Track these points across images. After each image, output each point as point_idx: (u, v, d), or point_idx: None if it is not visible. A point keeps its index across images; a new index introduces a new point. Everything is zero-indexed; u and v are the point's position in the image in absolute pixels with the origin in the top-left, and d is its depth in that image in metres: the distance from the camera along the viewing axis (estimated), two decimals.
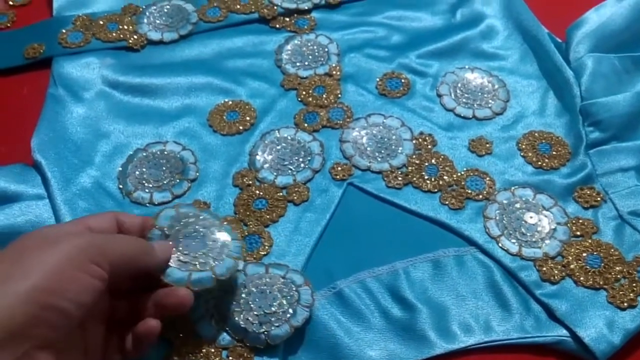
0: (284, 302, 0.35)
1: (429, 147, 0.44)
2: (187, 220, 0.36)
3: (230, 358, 0.34)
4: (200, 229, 0.36)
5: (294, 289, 0.36)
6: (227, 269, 0.34)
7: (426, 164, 0.43)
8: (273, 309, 0.35)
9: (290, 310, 0.35)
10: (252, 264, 0.37)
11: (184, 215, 0.36)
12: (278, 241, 0.39)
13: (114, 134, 0.45)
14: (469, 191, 0.42)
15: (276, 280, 0.36)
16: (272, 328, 0.34)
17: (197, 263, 0.34)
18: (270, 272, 0.37)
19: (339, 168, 0.43)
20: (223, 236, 0.36)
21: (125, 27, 0.52)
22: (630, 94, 0.44)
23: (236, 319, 0.35)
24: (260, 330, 0.34)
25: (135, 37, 0.51)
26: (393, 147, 0.44)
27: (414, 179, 0.43)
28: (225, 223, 0.37)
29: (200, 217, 0.36)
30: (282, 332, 0.34)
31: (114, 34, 0.51)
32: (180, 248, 0.35)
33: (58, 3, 0.54)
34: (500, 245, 0.39)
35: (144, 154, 0.44)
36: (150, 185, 0.42)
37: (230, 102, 0.47)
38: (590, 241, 0.39)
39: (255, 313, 0.35)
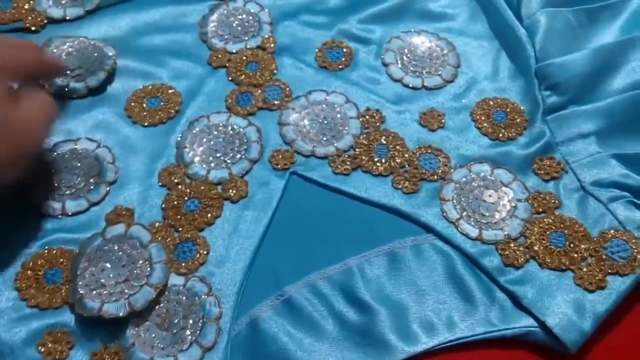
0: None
1: (377, 124, 0.40)
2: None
3: None
4: (123, 253, 0.33)
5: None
6: (145, 301, 0.31)
7: (375, 144, 0.39)
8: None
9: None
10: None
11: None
12: (215, 246, 0.35)
13: None
14: (423, 171, 0.38)
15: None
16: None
17: (113, 291, 0.31)
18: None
19: (280, 156, 0.39)
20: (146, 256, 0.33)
21: (21, 4, 0.45)
22: (587, 51, 0.41)
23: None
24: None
25: (33, 15, 0.44)
26: (338, 127, 0.40)
27: (363, 162, 0.39)
28: (152, 243, 0.34)
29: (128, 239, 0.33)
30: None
31: (8, 14, 0.44)
32: (97, 269, 0.31)
33: None
34: (459, 229, 0.36)
35: (52, 155, 0.38)
36: (62, 193, 0.36)
37: (150, 87, 0.42)
38: (553, 217, 0.36)
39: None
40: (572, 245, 0.35)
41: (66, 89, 0.40)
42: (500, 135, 0.40)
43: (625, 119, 0.38)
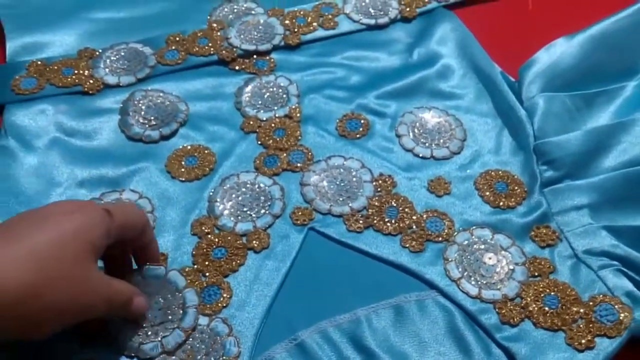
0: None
1: (389, 188, 0.45)
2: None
3: None
4: (161, 297, 0.37)
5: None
6: (176, 343, 0.36)
7: (386, 206, 0.43)
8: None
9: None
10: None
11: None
12: (237, 291, 0.39)
13: (67, 183, 0.44)
14: (429, 233, 0.42)
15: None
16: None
17: (149, 332, 0.36)
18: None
19: (300, 212, 0.43)
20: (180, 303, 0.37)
21: (81, 71, 0.51)
22: (581, 132, 0.45)
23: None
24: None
25: (91, 81, 0.51)
26: (354, 189, 0.45)
27: (375, 221, 0.43)
28: (187, 288, 0.38)
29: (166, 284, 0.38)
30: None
31: (69, 79, 0.51)
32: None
33: (12, 48, 0.53)
34: (460, 287, 0.39)
35: (99, 203, 0.43)
36: None
37: (189, 147, 0.47)
38: (547, 281, 0.39)
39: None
40: (564, 307, 0.38)
41: (143, 136, 0.47)
42: (501, 203, 0.44)
43: (616, 195, 0.42)
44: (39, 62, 0.51)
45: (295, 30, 0.55)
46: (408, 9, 0.57)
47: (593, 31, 0.50)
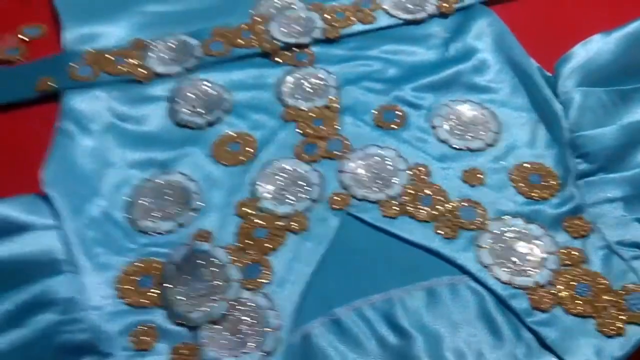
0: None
1: (424, 177, 0.46)
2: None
3: None
4: (207, 270, 0.40)
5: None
6: (221, 313, 0.38)
7: (421, 194, 0.45)
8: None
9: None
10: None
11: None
12: (278, 269, 0.41)
13: (120, 165, 0.47)
14: (462, 220, 0.43)
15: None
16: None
17: (196, 302, 0.38)
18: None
19: (337, 198, 0.45)
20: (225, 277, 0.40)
21: (133, 60, 0.54)
22: (616, 126, 0.46)
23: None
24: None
25: (141, 70, 0.54)
26: (389, 177, 0.46)
27: (409, 208, 0.44)
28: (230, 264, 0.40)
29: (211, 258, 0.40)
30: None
31: (122, 68, 0.53)
32: (185, 280, 0.39)
33: (68, 37, 0.56)
34: (492, 273, 0.40)
35: (150, 184, 0.46)
36: (156, 215, 0.44)
37: (233, 134, 0.49)
38: (579, 270, 0.40)
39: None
40: (595, 295, 0.39)
41: (189, 122, 0.49)
42: (535, 195, 0.45)
43: None
44: (94, 51, 0.54)
45: (335, 24, 0.57)
46: (446, 5, 0.58)
47: (630, 29, 0.51)
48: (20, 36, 0.58)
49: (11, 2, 0.60)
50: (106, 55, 0.54)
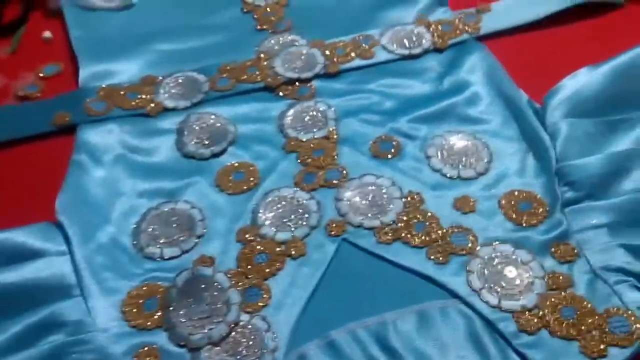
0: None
1: (417, 205, 0.48)
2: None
3: None
4: (208, 294, 0.42)
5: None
6: (221, 335, 0.40)
7: (414, 220, 0.47)
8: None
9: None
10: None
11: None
12: (276, 293, 0.43)
13: (130, 194, 0.50)
14: (454, 246, 0.45)
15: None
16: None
17: (197, 325, 0.40)
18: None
19: (334, 225, 0.47)
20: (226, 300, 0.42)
21: (144, 96, 0.57)
22: (602, 155, 0.47)
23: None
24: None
25: (152, 105, 0.57)
26: (384, 205, 0.48)
27: (403, 234, 0.46)
28: (231, 288, 0.43)
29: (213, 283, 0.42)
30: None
31: (134, 103, 0.57)
32: (186, 304, 0.41)
33: (84, 75, 0.60)
34: (481, 297, 0.42)
35: (157, 212, 0.48)
36: (161, 241, 0.46)
37: (236, 164, 0.52)
38: (565, 294, 0.42)
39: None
40: (580, 318, 0.40)
41: (196, 153, 0.52)
42: (523, 222, 0.47)
43: (633, 215, 0.44)
44: (108, 88, 0.58)
45: (335, 59, 0.60)
46: (440, 41, 0.61)
47: (616, 62, 0.53)
48: (39, 74, 0.61)
49: (31, 42, 0.65)
50: (119, 91, 0.58)
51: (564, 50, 0.60)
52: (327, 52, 0.61)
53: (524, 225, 0.46)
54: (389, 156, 0.52)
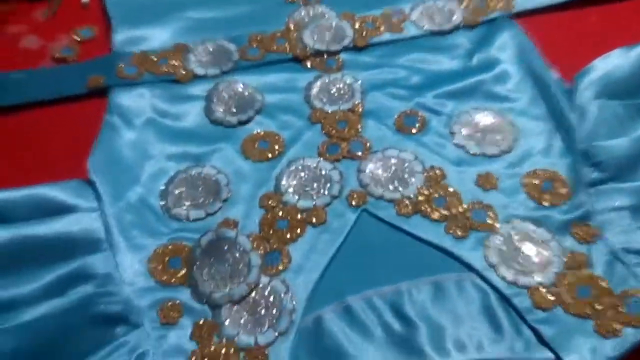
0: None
1: (439, 180, 0.49)
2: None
3: (247, 358, 0.39)
4: (230, 255, 0.43)
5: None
6: (241, 295, 0.42)
7: (435, 195, 0.47)
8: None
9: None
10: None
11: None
12: (296, 258, 0.44)
13: (159, 157, 0.51)
14: (473, 222, 0.46)
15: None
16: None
17: (219, 284, 0.42)
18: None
19: (355, 195, 0.48)
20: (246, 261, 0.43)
21: (175, 62, 0.59)
22: (629, 138, 0.47)
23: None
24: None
25: (182, 71, 0.58)
26: (406, 178, 0.49)
27: (423, 208, 0.47)
28: (252, 251, 0.44)
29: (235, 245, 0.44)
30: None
31: (164, 69, 0.58)
32: (209, 263, 0.43)
33: (117, 39, 0.61)
34: (497, 273, 0.42)
35: (184, 175, 0.50)
36: (188, 204, 0.48)
37: (262, 133, 0.53)
38: (582, 273, 0.42)
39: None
40: (595, 298, 0.40)
41: (223, 120, 0.53)
42: (545, 201, 0.46)
43: None
44: (140, 53, 0.59)
45: (364, 33, 0.60)
46: (471, 17, 0.61)
47: None
48: (74, 37, 0.63)
49: (67, 6, 0.66)
50: (151, 57, 0.59)
51: (598, 30, 0.59)
52: (357, 26, 0.61)
53: (546, 204, 0.46)
54: (413, 131, 0.52)
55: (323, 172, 0.49)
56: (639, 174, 0.46)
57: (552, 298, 0.41)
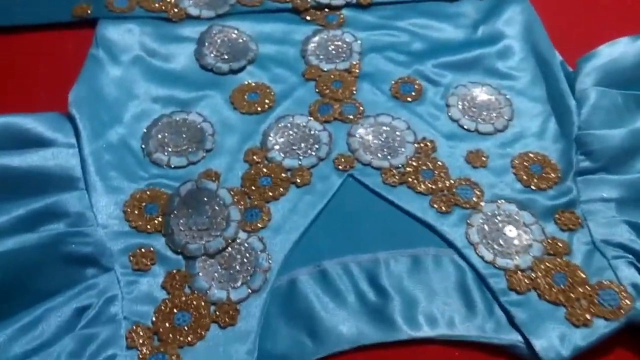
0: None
1: (429, 152, 0.48)
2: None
3: (218, 313, 0.39)
4: (210, 207, 0.42)
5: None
6: (217, 248, 0.41)
7: (423, 167, 0.47)
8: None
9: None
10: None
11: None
12: (276, 217, 0.43)
13: (144, 97, 0.49)
14: (458, 198, 0.45)
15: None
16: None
17: (195, 235, 0.41)
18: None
19: (343, 159, 0.47)
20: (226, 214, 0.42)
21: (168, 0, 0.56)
22: (625, 130, 0.46)
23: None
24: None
25: (175, 10, 0.55)
26: (396, 147, 0.48)
27: (410, 179, 0.46)
28: (232, 205, 0.43)
29: (215, 197, 0.42)
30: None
31: (157, 5, 0.55)
32: (187, 213, 0.41)
33: None
34: (477, 252, 0.42)
35: (168, 120, 0.48)
36: (169, 150, 0.46)
37: (253, 84, 0.51)
38: (560, 260, 0.42)
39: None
40: (570, 286, 0.40)
41: (214, 66, 0.51)
42: (532, 184, 0.46)
43: None
44: None
45: None
46: None
47: None
48: None
49: None
50: None
51: (609, 14, 0.57)
52: None
53: (533, 188, 0.46)
54: (409, 99, 0.51)
55: (312, 132, 0.48)
56: (629, 167, 0.45)
57: (527, 282, 0.41)
